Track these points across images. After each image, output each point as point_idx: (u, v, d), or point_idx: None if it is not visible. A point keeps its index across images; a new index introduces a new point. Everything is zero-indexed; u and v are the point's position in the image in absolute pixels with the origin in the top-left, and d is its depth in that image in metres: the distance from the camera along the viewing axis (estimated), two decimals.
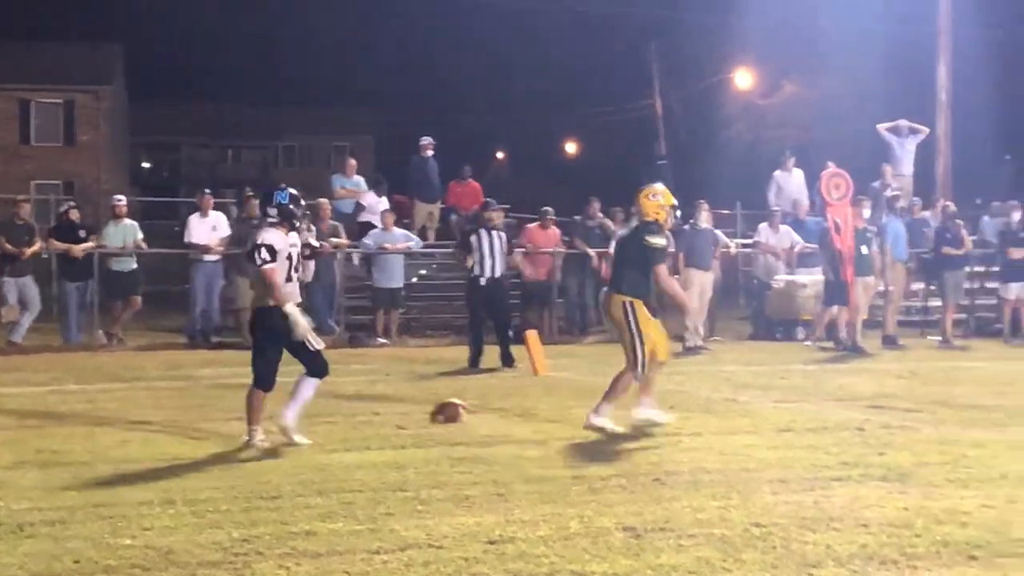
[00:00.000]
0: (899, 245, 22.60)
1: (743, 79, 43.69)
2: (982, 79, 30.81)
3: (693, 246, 21.87)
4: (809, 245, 23.45)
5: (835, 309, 21.47)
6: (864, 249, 21.09)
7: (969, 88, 29.70)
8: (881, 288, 22.33)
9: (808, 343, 21.89)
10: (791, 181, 26.08)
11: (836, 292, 21.22)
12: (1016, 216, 23.49)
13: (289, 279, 11.49)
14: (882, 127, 26.13)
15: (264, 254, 11.38)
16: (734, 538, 7.97)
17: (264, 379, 11.39)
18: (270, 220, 11.62)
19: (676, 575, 7.26)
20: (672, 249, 12.63)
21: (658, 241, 12.50)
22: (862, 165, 25.46)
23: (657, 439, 11.79)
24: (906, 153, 25.95)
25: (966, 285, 24.06)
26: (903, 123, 26.19)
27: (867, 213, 22.17)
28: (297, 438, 11.38)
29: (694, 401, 14.64)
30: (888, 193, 24.15)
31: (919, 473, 10.08)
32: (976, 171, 30.83)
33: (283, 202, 11.60)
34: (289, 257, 11.50)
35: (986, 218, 26.16)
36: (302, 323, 11.36)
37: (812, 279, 23.22)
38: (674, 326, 18.85)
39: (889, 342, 21.77)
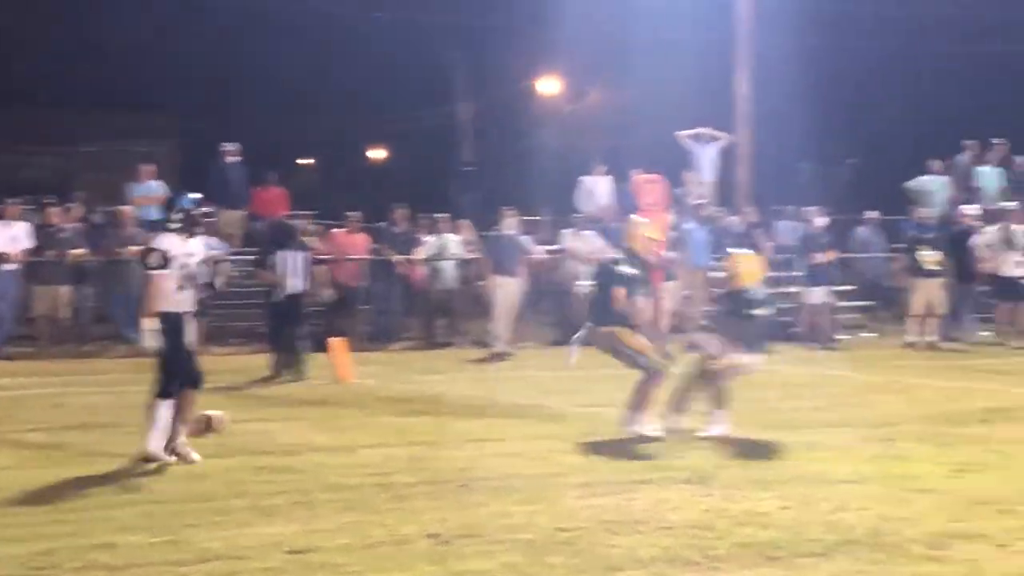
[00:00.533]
0: (700, 252, 22.88)
1: (549, 85, 44.05)
2: (781, 86, 31.41)
3: (499, 253, 21.96)
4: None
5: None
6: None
7: (769, 95, 30.26)
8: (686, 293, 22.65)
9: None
10: (600, 187, 26.32)
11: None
12: (819, 221, 23.97)
13: (181, 288, 11.12)
14: (683, 134, 26.47)
15: (155, 259, 11.06)
16: (540, 542, 8.01)
17: (191, 377, 11.16)
18: (170, 226, 11.34)
19: None
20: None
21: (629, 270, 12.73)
22: (666, 172, 25.78)
23: (464, 445, 11.79)
24: (707, 160, 26.34)
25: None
26: (704, 130, 26.57)
27: (671, 219, 22.49)
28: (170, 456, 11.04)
29: (500, 407, 14.69)
30: (692, 200, 24.47)
31: (720, 475, 10.23)
32: (775, 177, 31.42)
33: (187, 207, 11.32)
34: (184, 266, 11.11)
35: (782, 223, 26.66)
36: (152, 341, 11.04)
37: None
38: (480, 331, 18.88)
39: (692, 348, 21.99)
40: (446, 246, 23.56)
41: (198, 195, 11.50)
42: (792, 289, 24.79)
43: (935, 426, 12.91)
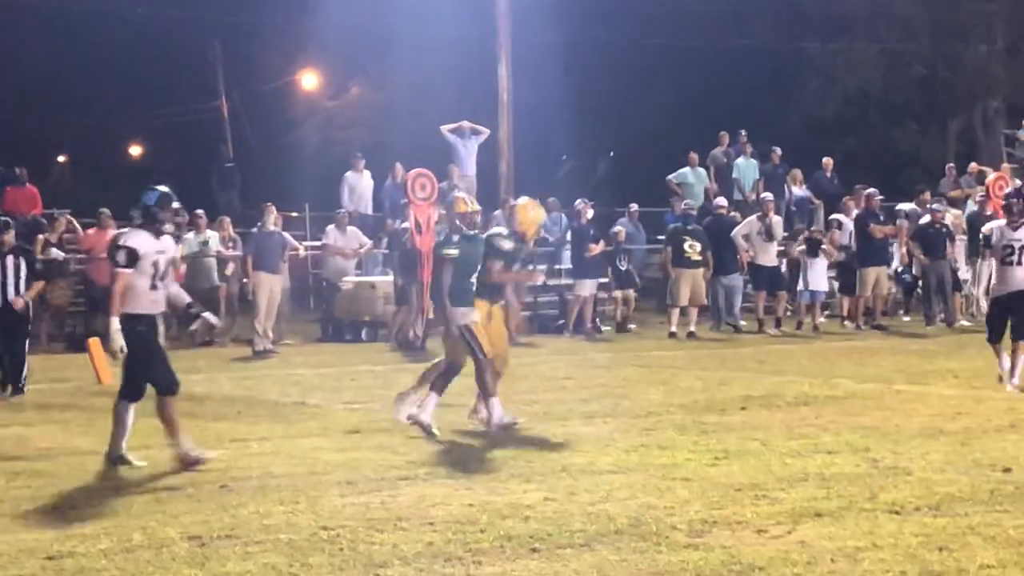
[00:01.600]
0: None
1: (310, 80, 43.74)
2: (543, 80, 31.65)
3: (261, 249, 21.67)
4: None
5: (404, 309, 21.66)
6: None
7: (530, 89, 30.46)
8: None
9: (387, 345, 21.91)
10: (362, 182, 26.20)
11: (403, 292, 21.48)
12: (588, 214, 24.15)
13: (154, 287, 10.63)
14: (445, 128, 26.48)
15: (121, 257, 10.52)
16: (301, 542, 7.88)
17: (166, 384, 10.69)
18: (135, 222, 10.75)
19: None
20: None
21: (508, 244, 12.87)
22: (429, 166, 25.77)
23: (225, 446, 11.56)
24: (469, 154, 26.39)
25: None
26: (465, 124, 26.61)
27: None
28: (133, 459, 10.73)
29: (262, 406, 14.48)
30: (456, 194, 24.43)
31: (484, 469, 10.21)
32: (537, 171, 31.65)
33: (148, 204, 10.72)
34: (155, 264, 10.57)
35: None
36: (118, 342, 10.49)
37: (381, 280, 23.38)
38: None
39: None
40: (207, 243, 23.17)
41: (163, 188, 10.85)
42: (558, 282, 25.02)
43: (696, 415, 13.09)
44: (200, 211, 23.66)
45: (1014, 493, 9.04)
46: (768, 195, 24.73)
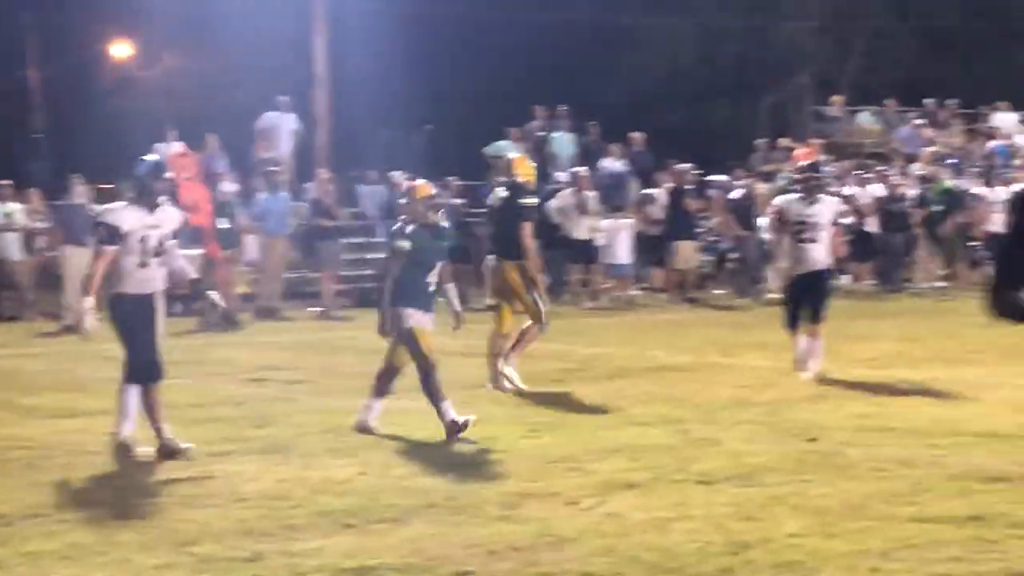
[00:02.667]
0: (275, 219, 22.63)
1: (121, 50, 42.92)
2: (361, 51, 31.46)
3: (71, 223, 21.21)
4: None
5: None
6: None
7: (348, 61, 30.26)
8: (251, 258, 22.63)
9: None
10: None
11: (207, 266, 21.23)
12: (406, 186, 23.92)
13: (144, 264, 9.81)
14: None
15: (102, 233, 9.83)
16: (108, 520, 7.79)
17: (141, 370, 9.88)
18: (128, 195, 10.02)
19: (48, 562, 6.97)
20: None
21: (532, 200, 13.52)
22: (246, 138, 25.47)
23: (32, 422, 11.34)
24: (285, 127, 26.15)
25: (346, 256, 24.44)
26: (283, 98, 26.36)
27: (231, 187, 22.45)
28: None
29: (73, 380, 14.20)
30: (268, 168, 24.20)
31: (299, 444, 10.15)
32: (356, 142, 31.47)
33: (140, 174, 9.98)
34: (144, 240, 9.79)
35: (362, 187, 26.73)
36: (87, 325, 9.93)
37: (190, 253, 23.05)
38: None
39: (265, 313, 21.81)
40: (11, 216, 22.60)
41: (155, 157, 10.32)
42: (371, 256, 24.86)
43: None
44: (6, 183, 23.05)
45: (820, 462, 9.25)
46: (582, 169, 24.90)
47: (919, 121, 31.37)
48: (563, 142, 27.86)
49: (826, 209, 14.00)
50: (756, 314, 21.18)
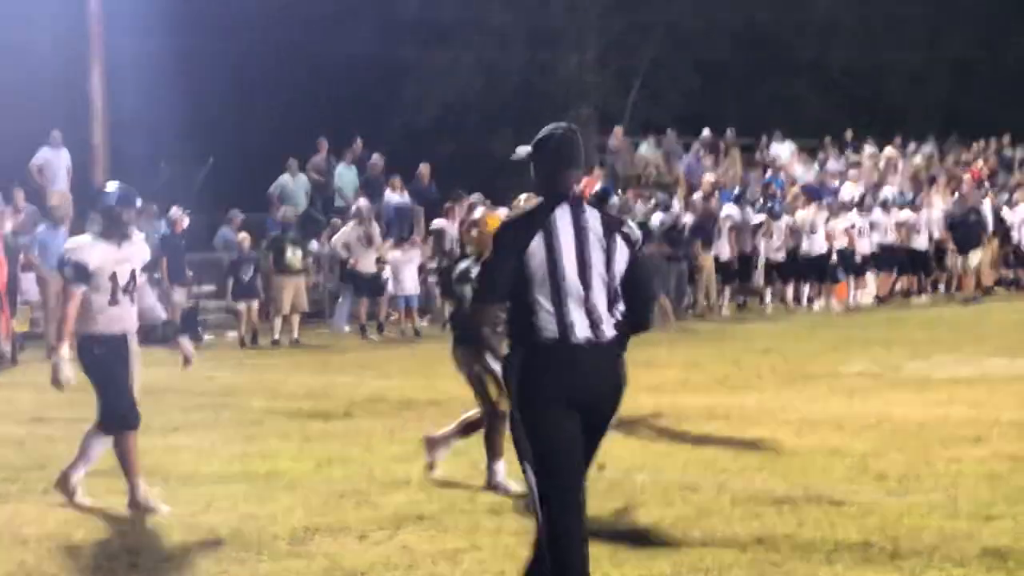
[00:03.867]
0: (54, 256, 22.08)
1: None
2: (139, 86, 30.98)
3: None
4: None
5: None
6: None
7: (130, 96, 29.77)
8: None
9: None
10: None
11: None
12: (184, 223, 23.60)
13: (114, 302, 9.06)
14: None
15: (69, 272, 9.05)
16: None
17: (114, 418, 9.12)
18: (94, 228, 9.23)
19: None
20: None
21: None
22: (18, 172, 24.91)
23: None
24: (61, 163, 25.69)
25: None
26: (56, 133, 25.89)
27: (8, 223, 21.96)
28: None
29: None
30: (49, 203, 23.66)
31: (81, 483, 9.90)
32: (135, 178, 30.93)
33: (109, 204, 9.18)
34: (114, 277, 9.13)
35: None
36: (63, 374, 9.03)
37: None
38: None
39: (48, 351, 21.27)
40: None
41: (122, 185, 9.37)
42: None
43: (300, 422, 13.04)
44: None
45: (608, 489, 9.34)
46: (365, 201, 24.87)
47: (701, 151, 32.11)
48: (347, 175, 27.82)
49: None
50: None
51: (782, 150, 33.69)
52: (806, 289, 26.86)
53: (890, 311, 26.19)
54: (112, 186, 9.46)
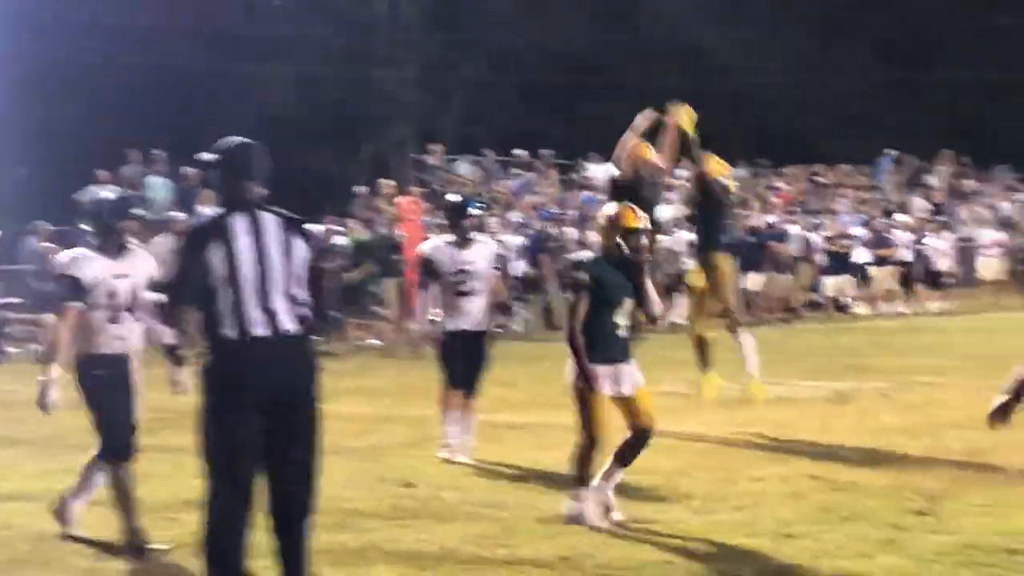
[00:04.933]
0: None
1: None
2: None
3: None
4: None
5: None
6: None
7: None
8: None
9: None
10: None
11: None
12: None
13: (114, 320, 8.42)
14: None
15: (64, 288, 8.35)
16: None
17: (110, 445, 8.52)
18: (87, 239, 8.54)
19: None
20: None
21: None
22: None
23: None
24: None
25: None
26: None
27: None
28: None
29: None
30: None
31: None
32: None
33: (99, 215, 8.48)
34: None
35: None
36: (50, 398, 8.35)
37: None
38: None
39: None
40: None
41: (117, 192, 8.80)
42: None
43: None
44: None
45: (416, 508, 9.34)
46: (178, 214, 24.58)
47: (524, 172, 32.35)
48: (159, 187, 27.45)
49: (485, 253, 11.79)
50: (354, 361, 21.18)
51: (599, 171, 34.02)
52: None
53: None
54: (104, 192, 8.83)
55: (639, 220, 9.02)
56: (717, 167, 14.79)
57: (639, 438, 9.16)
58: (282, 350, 6.58)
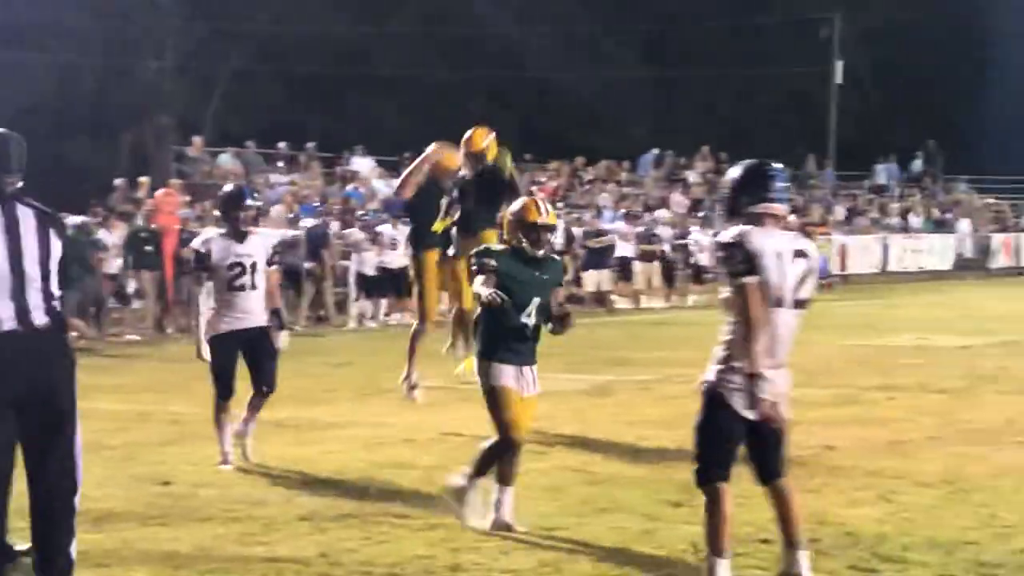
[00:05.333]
0: None
1: None
2: None
3: None
4: None
5: None
6: None
7: None
8: None
9: None
10: None
11: None
12: None
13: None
14: None
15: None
16: None
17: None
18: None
19: None
20: None
21: None
22: None
23: None
24: None
25: None
26: None
27: None
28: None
29: None
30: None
31: None
32: None
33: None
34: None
35: None
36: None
37: None
38: None
39: None
40: None
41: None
42: None
43: None
44: None
45: (171, 506, 9.17)
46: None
47: (279, 164, 32.04)
48: None
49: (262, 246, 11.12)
50: (117, 357, 20.66)
51: (362, 165, 33.91)
52: (383, 304, 26.93)
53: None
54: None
55: (541, 215, 8.69)
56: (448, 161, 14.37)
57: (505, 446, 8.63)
58: (33, 345, 6.45)
